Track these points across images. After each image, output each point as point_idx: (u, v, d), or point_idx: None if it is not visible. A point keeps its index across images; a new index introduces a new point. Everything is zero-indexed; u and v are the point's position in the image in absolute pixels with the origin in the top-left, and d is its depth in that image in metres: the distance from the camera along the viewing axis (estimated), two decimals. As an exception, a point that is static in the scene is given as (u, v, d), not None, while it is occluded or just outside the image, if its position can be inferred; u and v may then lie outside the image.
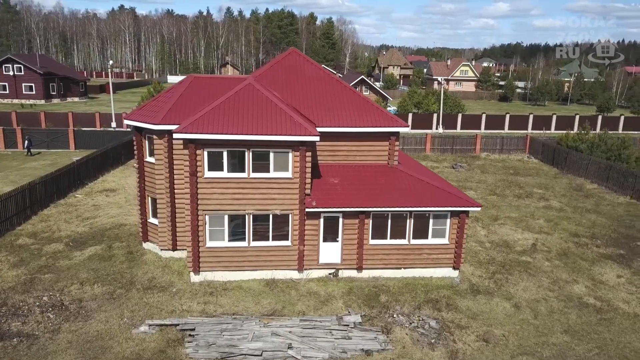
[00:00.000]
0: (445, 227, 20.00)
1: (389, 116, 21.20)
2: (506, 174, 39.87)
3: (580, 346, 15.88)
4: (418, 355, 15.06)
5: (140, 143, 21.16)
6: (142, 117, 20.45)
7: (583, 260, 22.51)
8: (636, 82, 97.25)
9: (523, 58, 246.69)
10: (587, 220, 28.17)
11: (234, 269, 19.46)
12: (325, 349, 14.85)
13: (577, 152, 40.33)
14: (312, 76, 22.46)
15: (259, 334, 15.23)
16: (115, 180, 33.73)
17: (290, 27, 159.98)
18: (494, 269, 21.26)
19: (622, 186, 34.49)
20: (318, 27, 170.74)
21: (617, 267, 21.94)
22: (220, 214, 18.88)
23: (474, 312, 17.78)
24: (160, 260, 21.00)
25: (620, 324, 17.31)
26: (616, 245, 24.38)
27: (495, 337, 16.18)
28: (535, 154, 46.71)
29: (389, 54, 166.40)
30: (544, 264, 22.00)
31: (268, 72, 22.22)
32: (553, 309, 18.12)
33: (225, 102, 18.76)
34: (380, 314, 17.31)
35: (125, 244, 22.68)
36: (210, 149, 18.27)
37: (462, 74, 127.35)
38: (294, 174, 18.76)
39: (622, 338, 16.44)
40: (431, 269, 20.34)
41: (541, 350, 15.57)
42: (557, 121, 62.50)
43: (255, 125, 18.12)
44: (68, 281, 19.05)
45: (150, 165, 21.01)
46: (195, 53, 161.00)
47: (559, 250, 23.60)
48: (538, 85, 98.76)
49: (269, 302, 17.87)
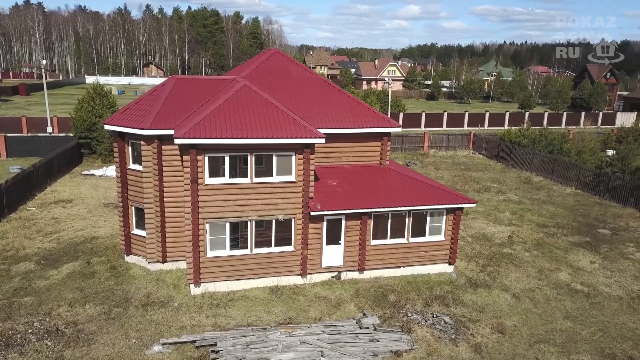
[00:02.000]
0: (441, 224, 20.49)
1: (380, 116, 21.35)
2: (458, 169, 41.57)
3: (584, 330, 16.91)
4: (446, 352, 15.31)
5: (122, 150, 19.73)
6: (126, 121, 19.08)
7: (557, 249, 24.00)
8: (549, 81, 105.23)
9: (438, 58, 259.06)
10: (547, 211, 30.06)
11: (236, 278, 18.71)
12: (356, 354, 14.68)
13: (520, 147, 42.92)
14: (299, 77, 22.11)
15: (288, 344, 14.75)
16: (66, 190, 31.21)
17: (215, 26, 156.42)
18: (483, 262, 22.10)
19: (565, 178, 37.18)
20: (244, 27, 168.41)
21: (588, 253, 23.60)
22: (221, 221, 18.06)
23: (480, 305, 18.37)
24: (150, 274, 19.73)
25: (610, 307, 18.63)
26: (581, 234, 26.22)
27: (508, 328, 16.82)
28: (479, 150, 49.12)
29: (316, 54, 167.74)
30: (525, 255, 23.20)
31: (254, 73, 21.59)
32: (548, 297, 19.15)
33: (223, 104, 17.97)
34: (395, 314, 17.40)
35: (104, 258, 21.07)
36: (211, 154, 17.42)
37: (389, 74, 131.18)
38: (298, 178, 18.36)
39: (616, 320, 17.71)
40: (428, 265, 20.75)
41: (552, 337, 16.40)
42: (490, 118, 66.18)
43: (259, 128, 17.52)
44: (53, 303, 17.38)
45: (135, 173, 19.65)
46: (115, 52, 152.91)
47: (533, 241, 24.98)
48: (463, 84, 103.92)
49: (280, 310, 17.36)
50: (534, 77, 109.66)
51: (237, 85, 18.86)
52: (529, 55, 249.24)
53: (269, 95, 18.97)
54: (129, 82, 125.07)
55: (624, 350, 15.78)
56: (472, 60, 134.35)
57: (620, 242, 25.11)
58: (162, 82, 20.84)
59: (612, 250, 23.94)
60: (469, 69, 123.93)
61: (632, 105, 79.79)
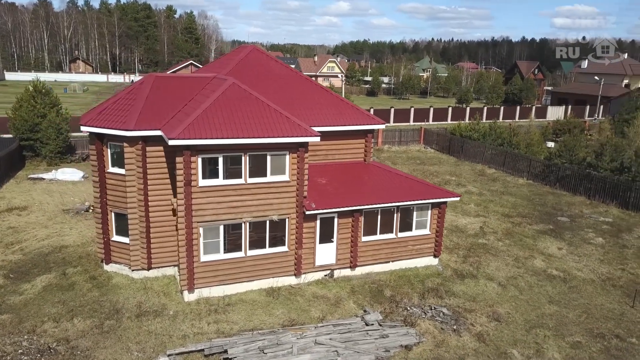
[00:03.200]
0: (427, 218, 20.98)
1: (365, 114, 21.50)
2: (414, 164, 42.68)
3: (570, 313, 17.97)
4: (453, 342, 15.74)
5: (101, 152, 18.59)
6: (106, 122, 17.98)
7: (526, 238, 25.29)
8: (481, 76, 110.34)
9: (372, 54, 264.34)
10: (507, 202, 31.58)
11: (231, 282, 18.22)
12: (370, 351, 14.76)
13: (472, 141, 44.73)
14: (281, 74, 21.79)
15: (302, 346, 14.57)
16: (16, 196, 28.96)
17: (147, 20, 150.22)
18: (464, 253, 22.88)
19: (516, 169, 39.20)
20: (177, 21, 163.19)
21: (554, 240, 25.06)
22: (215, 224, 17.50)
23: (471, 295, 19.02)
24: (135, 283, 18.77)
25: (586, 290, 19.91)
26: (543, 222, 27.78)
27: (502, 315, 17.55)
28: (430, 144, 50.67)
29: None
30: (499, 244, 24.27)
31: (234, 70, 21.02)
32: (531, 284, 20.15)
33: (214, 103, 17.37)
34: (394, 309, 17.64)
35: (80, 268, 19.79)
36: (205, 155, 16.82)
37: (329, 70, 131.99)
38: (292, 177, 18.13)
39: (595, 301, 18.96)
40: (415, 259, 21.20)
41: (545, 321, 17.29)
42: (434, 113, 68.41)
43: (253, 127, 17.11)
44: (36, 319, 16.12)
45: (116, 177, 18.58)
46: (37, 47, 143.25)
47: (503, 230, 26.17)
48: (402, 80, 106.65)
49: (281, 312, 17.11)
50: (467, 73, 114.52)
51: (225, 83, 18.29)
52: (456, 52, 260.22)
53: (258, 93, 18.56)
54: (54, 79, 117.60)
55: (609, 329, 16.92)
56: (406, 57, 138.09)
57: (580, 228, 26.86)
58: (139, 81, 19.81)
59: (575, 237, 25.57)
60: (406, 65, 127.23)
61: (559, 99, 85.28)
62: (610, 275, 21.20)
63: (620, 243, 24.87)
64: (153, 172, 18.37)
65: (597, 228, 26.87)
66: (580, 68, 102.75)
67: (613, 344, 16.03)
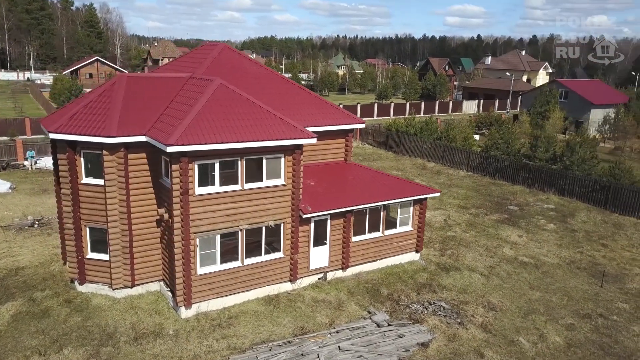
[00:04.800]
0: (409, 214, 21.35)
1: (345, 113, 21.38)
2: (356, 160, 43.08)
3: (553, 297, 19.20)
4: (465, 335, 16.17)
5: (73, 162, 16.75)
6: (80, 128, 16.24)
7: (488, 228, 26.65)
8: (396, 72, 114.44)
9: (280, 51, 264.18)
10: (457, 194, 33.05)
11: (228, 294, 17.30)
12: (392, 353, 14.74)
13: (409, 136, 46.26)
14: (256, 73, 21.00)
15: (328, 355, 14.20)
16: (-63, 213, 25.37)
17: (42, 12, 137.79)
18: (439, 246, 23.60)
19: (454, 162, 41.18)
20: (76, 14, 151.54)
21: (512, 229, 26.63)
22: (212, 234, 16.52)
23: (460, 287, 19.66)
24: (119, 303, 17.21)
25: (557, 274, 21.38)
26: (497, 212, 29.43)
27: (496, 304, 18.33)
28: (366, 140, 51.65)
29: (161, 45, 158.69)
30: (466, 236, 25.33)
31: (209, 69, 19.89)
32: (508, 272, 21.25)
33: (206, 106, 16.33)
34: (396, 307, 17.77)
35: (49, 292, 17.76)
36: (201, 161, 15.79)
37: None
38: (287, 180, 17.58)
39: (569, 284, 20.42)
40: (399, 255, 21.49)
41: (535, 307, 18.32)
42: (361, 109, 69.85)
43: (249, 130, 16.35)
44: (17, 354, 14.24)
45: (92, 188, 16.86)
46: None
47: (465, 222, 27.36)
48: (321, 77, 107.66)
49: (288, 321, 16.55)
50: (381, 70, 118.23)
51: (211, 84, 17.23)
52: (363, 48, 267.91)
53: (247, 94, 17.73)
54: None
55: (592, 309, 18.32)
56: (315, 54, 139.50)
57: (530, 216, 28.80)
58: (109, 82, 18.09)
59: (529, 224, 27.37)
60: (321, 62, 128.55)
61: (470, 94, 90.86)
62: (572, 258, 22.96)
63: (569, 228, 27.02)
64: (135, 182, 16.92)
65: (544, 215, 28.98)
66: (485, 64, 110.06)
67: (600, 323, 17.38)
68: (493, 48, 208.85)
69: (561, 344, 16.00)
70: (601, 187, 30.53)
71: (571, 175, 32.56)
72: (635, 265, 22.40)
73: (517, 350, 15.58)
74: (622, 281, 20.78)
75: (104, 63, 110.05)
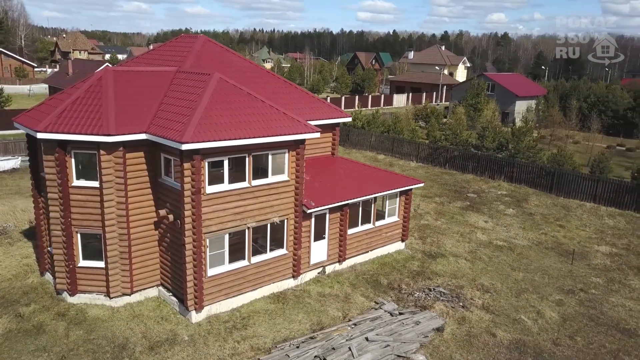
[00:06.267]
0: (396, 205, 21.89)
1: (332, 107, 21.43)
2: (309, 154, 43.41)
3: (535, 277, 20.59)
4: (472, 318, 16.94)
5: (64, 163, 15.42)
6: (73, 127, 15.02)
7: (456, 215, 27.93)
8: (323, 66, 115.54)
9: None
10: (416, 184, 34.22)
11: (235, 294, 16.83)
12: (414, 340, 15.15)
13: (357, 129, 47.08)
14: (241, 67, 20.47)
15: (360, 346, 14.30)
16: None
17: None
18: (419, 235, 24.40)
19: (404, 154, 42.57)
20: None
21: (477, 215, 28.12)
22: (221, 234, 15.98)
23: (450, 272, 20.51)
24: (119, 312, 16.16)
25: (530, 255, 22.92)
26: (459, 199, 30.89)
27: (489, 287, 19.36)
28: (312, 134, 51.82)
29: (71, 37, 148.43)
30: (439, 223, 26.40)
31: (195, 62, 19.10)
32: (489, 256, 22.47)
33: (211, 101, 15.70)
34: (399, 295, 18.22)
35: (36, 306, 16.29)
36: (211, 158, 15.20)
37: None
38: (291, 176, 17.38)
39: (544, 263, 21.97)
40: (387, 245, 21.98)
41: (523, 286, 19.56)
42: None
43: (256, 126, 15.99)
44: (24, 376, 12.98)
45: (85, 191, 15.66)
46: None
47: (434, 210, 28.46)
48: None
49: (302, 317, 16.44)
50: (308, 64, 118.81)
51: (211, 78, 16.57)
52: (282, 42, 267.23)
53: (248, 89, 17.25)
54: None
55: (572, 285, 19.89)
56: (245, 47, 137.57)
57: (489, 202, 30.54)
58: (95, 76, 16.79)
59: (491, 210, 29.04)
60: (248, 55, 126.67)
61: (398, 88, 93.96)
62: (538, 240, 24.72)
63: (526, 212, 29.02)
64: (133, 182, 15.94)
65: (501, 201, 30.86)
66: (408, 59, 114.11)
67: (583, 297, 18.93)
68: (409, 43, 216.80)
69: (557, 318, 17.27)
70: (546, 173, 33.04)
71: (518, 162, 34.91)
72: (592, 243, 24.57)
73: (522, 327, 16.61)
74: (587, 258, 22.73)
75: (9, 56, 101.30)
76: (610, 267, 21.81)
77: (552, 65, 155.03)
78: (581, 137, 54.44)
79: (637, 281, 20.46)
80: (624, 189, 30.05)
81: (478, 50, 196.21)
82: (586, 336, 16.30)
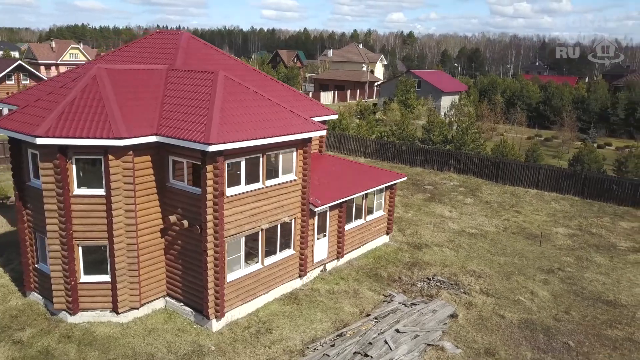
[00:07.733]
0: (382, 200, 22.39)
1: (320, 105, 21.40)
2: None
3: (514, 260, 22.05)
4: (478, 302, 17.82)
5: (65, 170, 14.07)
6: (77, 130, 13.76)
7: (422, 206, 29.05)
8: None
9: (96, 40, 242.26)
10: (373, 179, 35.08)
11: (251, 298, 16.39)
12: (436, 328, 15.69)
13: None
14: (226, 64, 19.79)
15: (394, 339, 14.54)
16: None
17: None
18: (397, 227, 25.08)
19: (351, 150, 43.33)
20: None
21: (441, 205, 29.46)
22: (238, 237, 15.48)
23: (440, 261, 21.36)
24: (130, 327, 15.09)
25: (501, 240, 24.46)
26: (419, 191, 32.12)
27: (480, 273, 20.43)
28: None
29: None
30: (409, 215, 27.33)
31: (184, 61, 18.21)
32: (468, 244, 23.67)
33: (225, 101, 15.11)
34: (403, 287, 18.73)
35: (34, 329, 14.74)
36: (230, 160, 14.65)
37: (72, 58, 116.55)
38: (298, 175, 17.21)
39: (517, 247, 23.56)
40: (375, 239, 22.43)
41: (509, 269, 20.87)
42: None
43: (271, 125, 15.68)
44: (51, 407, 11.74)
45: (89, 199, 14.42)
46: None
47: (400, 203, 29.32)
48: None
49: (321, 316, 16.38)
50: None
51: (218, 77, 15.89)
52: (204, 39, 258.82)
53: (254, 87, 16.77)
54: None
55: (549, 265, 21.55)
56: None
57: (447, 193, 32.09)
58: (87, 76, 15.41)
59: (452, 200, 30.54)
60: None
61: (322, 86, 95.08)
62: (504, 226, 26.46)
63: (483, 200, 30.88)
64: (141, 189, 14.95)
65: (457, 191, 32.56)
66: (327, 57, 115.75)
67: (562, 275, 20.61)
68: (320, 41, 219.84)
69: (549, 297, 18.69)
70: (492, 163, 35.36)
71: (465, 154, 36.99)
72: (550, 225, 26.76)
73: (524, 307, 17.78)
74: (551, 240, 24.73)
75: None
76: (573, 246, 23.93)
77: (457, 61, 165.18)
78: (503, 129, 58.77)
79: (600, 257, 22.65)
80: (563, 175, 32.98)
81: (387, 49, 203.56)
82: (579, 310, 17.83)
